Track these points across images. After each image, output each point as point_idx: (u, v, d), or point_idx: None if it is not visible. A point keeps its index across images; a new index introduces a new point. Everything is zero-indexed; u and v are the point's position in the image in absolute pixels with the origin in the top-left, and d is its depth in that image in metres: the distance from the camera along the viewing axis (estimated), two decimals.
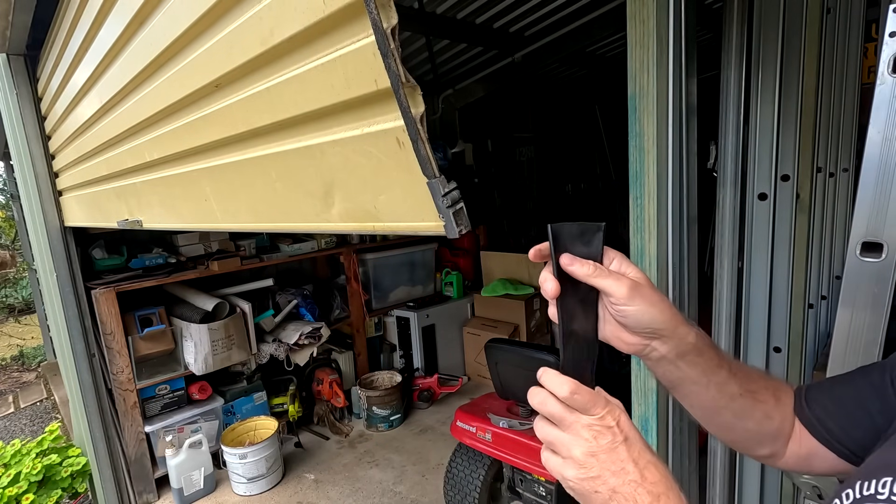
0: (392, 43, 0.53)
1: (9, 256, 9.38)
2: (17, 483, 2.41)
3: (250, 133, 0.90)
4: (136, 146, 1.44)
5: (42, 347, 6.07)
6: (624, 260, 0.57)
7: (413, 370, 3.82)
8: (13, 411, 4.74)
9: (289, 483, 2.87)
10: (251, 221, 1.05)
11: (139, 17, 1.11)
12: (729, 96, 1.18)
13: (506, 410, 2.13)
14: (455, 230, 0.58)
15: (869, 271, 0.86)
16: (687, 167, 1.04)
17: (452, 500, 2.19)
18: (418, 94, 0.55)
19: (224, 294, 3.03)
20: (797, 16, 1.08)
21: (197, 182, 1.18)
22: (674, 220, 1.02)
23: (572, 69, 4.43)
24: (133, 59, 1.23)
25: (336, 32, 0.62)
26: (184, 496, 2.72)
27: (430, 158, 0.56)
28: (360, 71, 0.60)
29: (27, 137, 2.38)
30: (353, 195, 0.73)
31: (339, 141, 0.70)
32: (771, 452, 0.68)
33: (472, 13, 2.98)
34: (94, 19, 1.37)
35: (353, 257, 3.60)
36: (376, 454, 3.09)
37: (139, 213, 1.64)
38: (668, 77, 0.96)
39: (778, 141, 1.15)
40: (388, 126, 0.60)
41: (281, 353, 3.15)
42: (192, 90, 1.00)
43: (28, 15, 2.01)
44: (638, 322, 0.55)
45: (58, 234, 2.49)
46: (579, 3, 2.96)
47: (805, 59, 1.10)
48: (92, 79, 1.57)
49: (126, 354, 2.65)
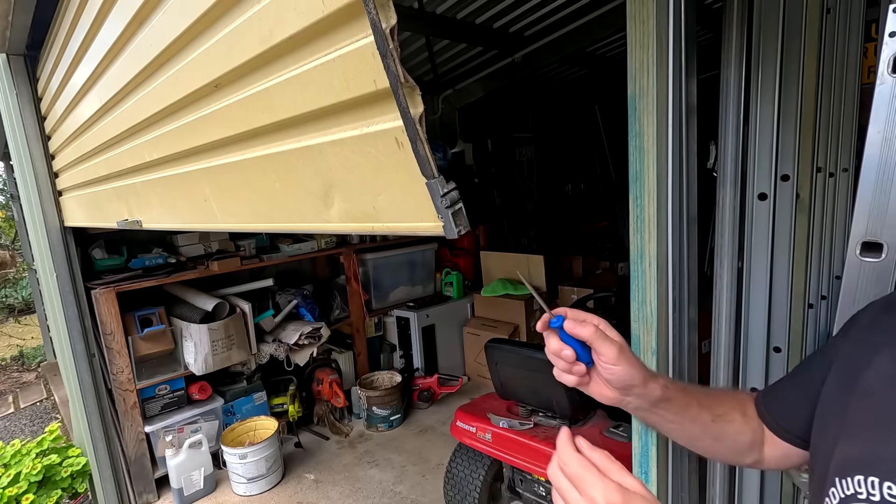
0: (391, 43, 0.53)
1: (9, 256, 9.38)
2: (17, 483, 2.41)
3: (250, 133, 0.90)
4: (136, 146, 1.44)
5: (42, 347, 6.07)
6: (608, 326, 0.66)
7: (413, 370, 3.82)
8: (13, 411, 4.74)
9: (289, 483, 2.87)
10: (251, 221, 1.05)
11: (139, 18, 1.11)
12: (729, 96, 1.18)
13: (506, 410, 2.13)
14: (454, 230, 0.58)
15: (869, 271, 0.86)
16: (687, 167, 1.04)
17: (452, 500, 2.19)
18: (417, 95, 0.55)
19: (224, 294, 3.03)
20: (797, 16, 1.08)
21: (197, 182, 1.18)
22: (674, 220, 1.02)
23: (572, 69, 4.42)
24: (133, 59, 1.23)
25: (335, 33, 0.62)
26: (184, 496, 2.72)
27: (429, 159, 0.56)
28: (359, 71, 0.60)
29: (27, 137, 2.38)
30: (352, 195, 0.73)
31: (338, 141, 0.70)
32: (753, 460, 0.75)
33: (472, 13, 2.98)
34: (94, 19, 1.37)
35: (353, 257, 3.60)
36: (376, 454, 3.09)
37: (139, 214, 1.64)
38: (668, 77, 0.95)
39: (778, 141, 1.15)
40: (387, 126, 0.60)
41: (281, 353, 3.15)
42: (192, 90, 1.00)
43: (28, 15, 2.01)
44: (620, 380, 0.65)
45: (58, 234, 2.49)
46: (579, 3, 2.96)
47: (805, 59, 1.10)
48: (92, 79, 1.57)
49: (126, 354, 2.65)
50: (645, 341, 1.08)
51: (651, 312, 1.05)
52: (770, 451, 0.73)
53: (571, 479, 0.51)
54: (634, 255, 1.05)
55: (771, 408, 0.73)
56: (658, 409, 0.68)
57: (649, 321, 1.06)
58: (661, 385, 0.68)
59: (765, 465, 0.75)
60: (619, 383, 0.65)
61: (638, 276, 1.05)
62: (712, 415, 0.72)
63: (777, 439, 0.71)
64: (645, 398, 0.67)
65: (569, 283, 3.78)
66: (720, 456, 0.76)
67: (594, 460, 0.51)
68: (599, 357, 0.65)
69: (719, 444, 0.73)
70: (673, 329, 1.08)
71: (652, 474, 1.13)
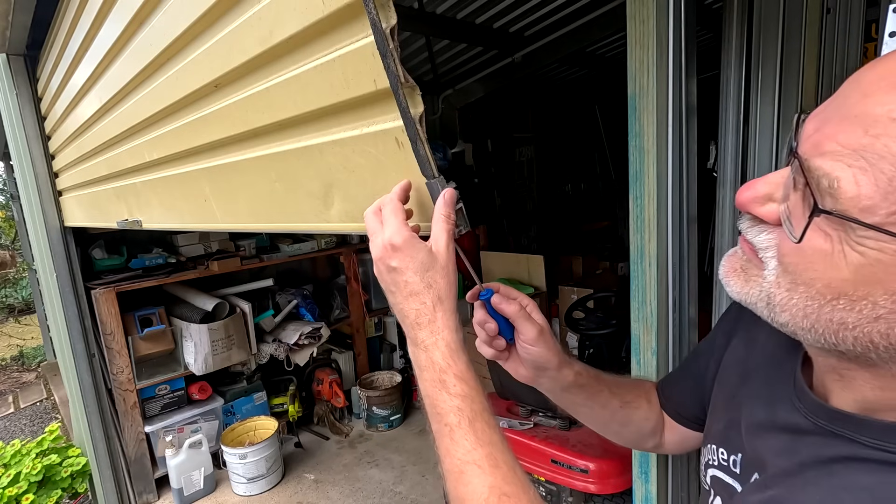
0: (391, 43, 0.53)
1: (9, 256, 9.38)
2: (17, 483, 2.41)
3: (250, 133, 0.90)
4: (136, 146, 1.44)
5: (42, 347, 6.07)
6: (535, 308, 0.69)
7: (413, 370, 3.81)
8: (13, 411, 4.74)
9: (289, 483, 2.87)
10: (251, 221, 1.05)
11: (139, 18, 1.11)
12: (729, 96, 1.18)
13: (506, 410, 2.13)
14: (455, 230, 0.58)
15: None
16: (687, 167, 1.04)
17: None
18: (417, 95, 0.55)
19: (224, 294, 3.03)
20: (797, 16, 1.08)
21: (197, 182, 1.18)
22: (674, 220, 1.02)
23: (572, 69, 4.42)
24: (133, 59, 1.23)
25: (335, 33, 0.62)
26: (184, 496, 2.72)
27: (429, 158, 0.56)
28: (360, 71, 0.60)
29: (27, 137, 2.38)
30: (352, 195, 0.73)
31: (338, 141, 0.70)
32: (654, 444, 0.81)
33: (472, 13, 2.98)
34: (94, 19, 1.37)
35: (353, 257, 3.60)
36: (376, 454, 3.09)
37: (139, 214, 1.64)
38: (668, 77, 0.96)
39: (778, 141, 1.15)
40: (388, 126, 0.60)
41: (281, 353, 3.15)
42: (192, 90, 1.00)
43: (28, 15, 2.01)
44: (535, 360, 0.68)
45: (58, 234, 2.49)
46: (579, 3, 2.96)
47: (805, 59, 1.10)
48: (92, 79, 1.57)
49: (126, 354, 2.65)
50: (645, 341, 1.08)
51: (651, 312, 1.05)
52: (669, 435, 0.80)
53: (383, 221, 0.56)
54: (634, 255, 1.05)
55: (669, 396, 0.79)
56: (569, 393, 0.72)
57: (649, 321, 1.06)
58: (575, 372, 0.72)
59: (664, 449, 0.82)
60: (534, 363, 0.68)
61: (638, 276, 1.05)
62: (621, 402, 0.77)
63: (675, 424, 0.78)
64: (557, 382, 0.71)
65: (569, 283, 3.77)
66: (625, 439, 0.82)
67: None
68: (519, 336, 0.67)
69: (625, 428, 0.79)
70: (673, 329, 1.08)
71: (652, 474, 1.13)
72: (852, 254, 0.36)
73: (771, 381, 0.56)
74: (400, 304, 0.55)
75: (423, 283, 0.53)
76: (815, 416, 0.47)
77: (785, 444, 0.49)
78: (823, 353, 0.45)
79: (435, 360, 0.54)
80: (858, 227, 0.35)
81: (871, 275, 0.35)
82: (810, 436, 0.47)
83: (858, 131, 0.34)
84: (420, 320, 0.54)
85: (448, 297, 0.55)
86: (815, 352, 0.47)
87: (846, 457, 0.42)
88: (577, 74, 4.65)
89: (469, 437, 0.51)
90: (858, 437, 0.43)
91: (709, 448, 0.62)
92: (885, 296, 0.35)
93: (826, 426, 0.46)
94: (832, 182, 0.35)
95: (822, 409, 0.47)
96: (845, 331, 0.38)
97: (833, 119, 0.36)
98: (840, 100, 0.37)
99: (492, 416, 0.54)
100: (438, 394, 0.53)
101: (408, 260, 0.53)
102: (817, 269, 0.38)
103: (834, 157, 0.35)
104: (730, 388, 0.63)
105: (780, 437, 0.50)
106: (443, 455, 0.52)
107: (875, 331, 0.37)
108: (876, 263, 0.35)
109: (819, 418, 0.47)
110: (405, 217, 0.56)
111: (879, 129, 0.33)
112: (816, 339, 0.41)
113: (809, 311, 0.40)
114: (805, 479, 0.44)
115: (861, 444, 0.42)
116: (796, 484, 0.45)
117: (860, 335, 0.38)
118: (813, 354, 0.48)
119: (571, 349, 3.41)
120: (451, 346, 0.54)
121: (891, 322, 0.36)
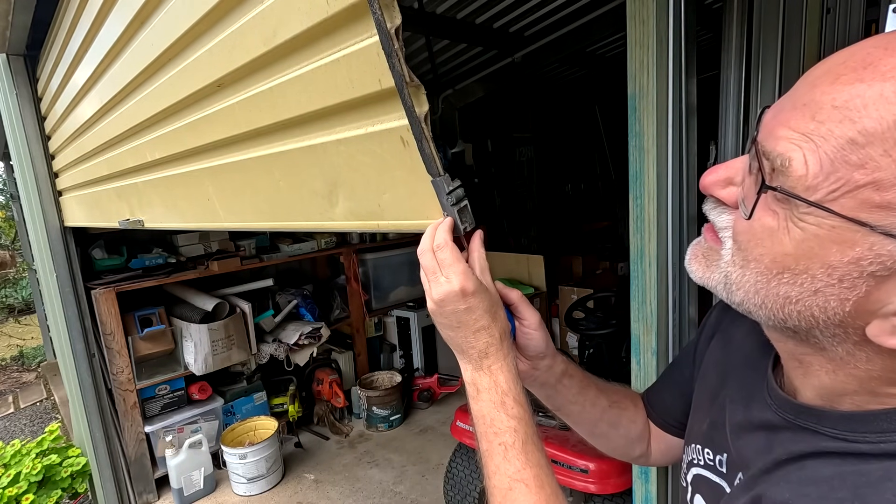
0: (396, 43, 0.53)
1: (9, 256, 9.36)
2: (17, 483, 2.41)
3: (253, 133, 0.90)
4: (138, 146, 1.44)
5: (42, 347, 6.06)
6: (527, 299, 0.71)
7: (413, 370, 3.82)
8: (13, 411, 4.74)
9: (289, 483, 2.87)
10: (255, 220, 1.05)
11: (140, 17, 1.12)
12: (729, 96, 1.19)
13: None
14: (460, 228, 0.59)
15: None
16: (687, 167, 1.04)
17: (452, 500, 2.19)
18: (422, 94, 0.55)
19: (224, 294, 3.03)
20: (797, 16, 1.09)
21: (199, 182, 1.18)
22: (674, 220, 1.02)
23: (572, 69, 4.43)
24: (134, 58, 1.23)
25: (339, 32, 0.62)
26: (184, 496, 2.72)
27: (434, 157, 0.57)
28: (364, 71, 0.60)
29: (27, 137, 2.37)
30: (357, 194, 0.73)
31: (343, 140, 0.70)
32: (641, 453, 0.81)
33: (472, 13, 2.98)
34: (95, 19, 1.37)
35: (353, 257, 3.60)
36: (376, 454, 3.09)
37: (140, 213, 1.64)
38: (668, 77, 0.96)
39: None
40: (393, 125, 0.61)
41: (281, 353, 3.15)
42: (194, 90, 1.00)
43: (28, 15, 2.01)
44: (536, 346, 0.68)
45: (58, 234, 2.49)
46: (579, 3, 2.97)
47: (805, 59, 1.10)
48: (92, 79, 1.57)
49: (126, 354, 2.64)
50: (645, 341, 1.08)
51: (651, 312, 1.05)
52: (656, 444, 0.80)
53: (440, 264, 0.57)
54: (634, 255, 1.06)
55: (654, 404, 0.80)
56: (562, 384, 0.73)
57: (649, 321, 1.06)
58: (565, 360, 0.73)
59: (651, 461, 0.82)
60: (534, 350, 0.69)
61: (638, 276, 1.06)
62: (609, 400, 0.77)
63: (662, 433, 0.78)
64: (552, 371, 0.71)
65: (569, 283, 3.78)
66: (613, 445, 0.81)
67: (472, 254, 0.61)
68: (522, 321, 0.68)
69: (614, 430, 0.79)
70: (673, 329, 1.08)
71: (652, 473, 1.14)
72: (795, 229, 0.38)
73: (747, 382, 0.58)
74: (467, 337, 0.59)
75: (490, 318, 0.58)
76: (783, 412, 0.49)
77: (763, 443, 0.51)
78: (782, 337, 0.47)
79: (499, 382, 0.58)
80: (801, 204, 0.37)
81: (808, 249, 0.38)
82: (783, 432, 0.49)
83: (807, 117, 0.37)
84: (489, 350, 0.58)
85: (508, 328, 0.61)
86: (774, 337, 0.49)
87: (813, 450, 0.44)
88: (577, 74, 4.66)
89: (521, 457, 0.55)
90: (820, 428, 0.45)
91: (692, 448, 0.63)
92: (821, 269, 0.38)
93: (794, 421, 0.48)
94: (785, 161, 0.38)
95: (788, 405, 0.49)
96: (790, 305, 0.40)
97: (786, 108, 0.40)
98: (793, 92, 0.40)
99: (540, 440, 0.57)
100: (497, 414, 0.57)
101: (478, 301, 0.57)
102: (765, 245, 0.41)
103: (787, 140, 0.38)
104: (711, 389, 0.65)
105: (759, 435, 0.52)
106: (492, 472, 0.55)
107: (815, 304, 0.39)
108: (814, 238, 0.37)
109: (787, 413, 0.49)
110: (462, 258, 0.59)
111: (824, 115, 0.36)
112: (768, 315, 0.43)
113: (759, 287, 0.42)
114: (779, 476, 0.46)
115: (823, 436, 0.44)
116: (772, 481, 0.46)
117: (803, 309, 0.40)
118: (774, 341, 0.50)
119: (571, 349, 3.42)
120: (512, 372, 0.59)
121: (827, 296, 0.38)
